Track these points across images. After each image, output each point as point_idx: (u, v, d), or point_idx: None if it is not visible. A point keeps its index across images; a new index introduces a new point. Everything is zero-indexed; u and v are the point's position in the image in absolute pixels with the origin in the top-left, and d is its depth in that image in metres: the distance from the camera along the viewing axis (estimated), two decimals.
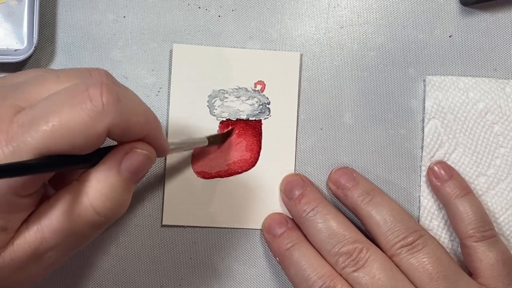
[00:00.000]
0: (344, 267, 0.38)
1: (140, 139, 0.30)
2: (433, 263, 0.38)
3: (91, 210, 0.28)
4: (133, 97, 0.29)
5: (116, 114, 0.27)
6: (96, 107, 0.26)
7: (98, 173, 0.28)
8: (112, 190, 0.28)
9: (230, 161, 0.43)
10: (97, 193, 0.28)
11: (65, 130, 0.25)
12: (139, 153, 0.29)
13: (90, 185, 0.28)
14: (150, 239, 0.42)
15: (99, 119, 0.26)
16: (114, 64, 0.42)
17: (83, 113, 0.26)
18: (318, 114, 0.43)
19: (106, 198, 0.28)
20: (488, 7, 0.45)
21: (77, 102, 0.26)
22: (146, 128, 0.29)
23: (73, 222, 0.28)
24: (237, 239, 0.43)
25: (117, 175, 0.29)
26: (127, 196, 0.30)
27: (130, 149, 0.29)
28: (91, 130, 0.26)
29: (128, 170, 0.29)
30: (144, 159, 0.30)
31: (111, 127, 0.27)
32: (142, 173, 0.30)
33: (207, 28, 0.43)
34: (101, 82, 0.27)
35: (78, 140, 0.26)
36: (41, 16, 0.42)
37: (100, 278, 0.42)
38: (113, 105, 0.26)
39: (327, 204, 0.40)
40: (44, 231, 0.28)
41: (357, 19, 0.44)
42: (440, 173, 0.41)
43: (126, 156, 0.29)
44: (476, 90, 0.43)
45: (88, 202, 0.28)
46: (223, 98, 0.43)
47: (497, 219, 0.42)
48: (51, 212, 0.28)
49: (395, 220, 0.39)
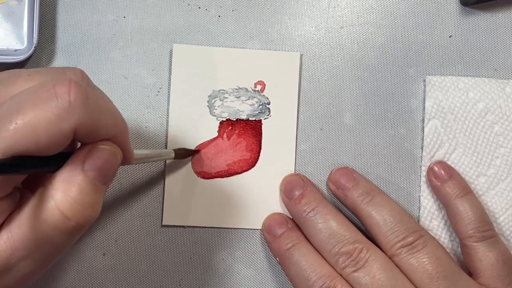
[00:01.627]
0: (344, 267, 0.38)
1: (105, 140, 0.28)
2: (433, 263, 0.38)
3: (59, 215, 0.26)
4: (103, 97, 0.28)
5: (83, 113, 0.25)
6: (62, 105, 0.25)
7: (62, 174, 0.27)
8: (79, 192, 0.27)
9: (230, 161, 0.42)
10: (63, 195, 0.26)
11: (29, 129, 0.24)
12: (102, 148, 0.28)
13: (55, 188, 0.27)
14: (150, 239, 0.42)
15: (65, 117, 0.25)
16: (114, 64, 0.42)
17: (49, 111, 0.25)
18: (318, 114, 0.43)
19: (74, 201, 0.26)
20: (488, 7, 0.45)
21: (43, 99, 0.25)
22: (114, 130, 0.28)
23: (42, 229, 0.26)
24: (237, 239, 0.43)
25: (82, 174, 0.27)
26: (96, 198, 0.27)
27: (92, 147, 0.28)
28: (56, 129, 0.25)
29: (93, 168, 0.27)
30: (109, 156, 0.28)
31: (77, 127, 0.25)
32: (109, 172, 0.28)
33: (207, 28, 0.43)
34: (69, 80, 0.25)
35: (42, 139, 0.25)
36: (41, 16, 0.42)
37: (100, 278, 0.42)
38: (80, 104, 0.25)
39: (327, 204, 0.40)
40: (14, 239, 0.26)
41: (357, 19, 0.44)
42: (440, 173, 0.41)
43: (89, 153, 0.27)
44: (476, 90, 0.43)
45: (54, 206, 0.26)
46: (223, 98, 0.43)
47: (497, 219, 0.42)
48: (19, 219, 0.27)
49: (395, 220, 0.39)
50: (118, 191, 0.42)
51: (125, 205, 0.42)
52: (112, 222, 0.42)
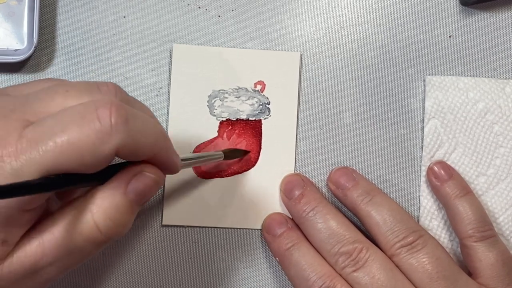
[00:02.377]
0: (344, 267, 0.38)
1: (150, 159, 0.30)
2: (433, 263, 0.38)
3: (94, 228, 0.28)
4: (143, 117, 0.29)
5: (124, 135, 0.27)
6: (104, 128, 0.26)
7: (104, 192, 0.28)
8: (116, 210, 0.28)
9: (230, 161, 0.42)
10: (101, 211, 0.28)
11: (73, 149, 0.25)
12: (147, 176, 0.30)
13: (95, 203, 0.28)
14: (150, 239, 0.42)
15: (107, 139, 0.26)
16: (114, 64, 0.42)
17: (92, 133, 0.26)
18: (318, 114, 0.43)
19: (109, 218, 0.28)
20: (488, 7, 0.45)
21: (86, 121, 0.26)
22: (155, 148, 0.29)
23: (75, 239, 0.28)
24: (237, 239, 0.43)
25: (123, 196, 0.29)
26: (130, 217, 0.29)
27: (138, 172, 0.29)
28: (98, 150, 0.26)
29: (134, 192, 0.29)
30: (152, 183, 0.30)
31: (119, 148, 0.27)
32: (148, 197, 0.30)
33: (207, 28, 0.43)
34: (111, 102, 0.27)
35: (85, 159, 0.26)
36: (41, 16, 0.42)
37: (100, 277, 0.42)
38: (121, 126, 0.26)
39: (327, 204, 0.40)
40: (45, 245, 0.28)
41: (357, 19, 0.44)
42: (440, 173, 0.41)
43: (134, 178, 0.29)
44: (476, 90, 0.43)
45: (91, 220, 0.28)
46: (223, 98, 0.43)
47: (496, 219, 0.42)
48: (54, 227, 0.28)
49: (395, 220, 0.39)
50: None
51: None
52: None
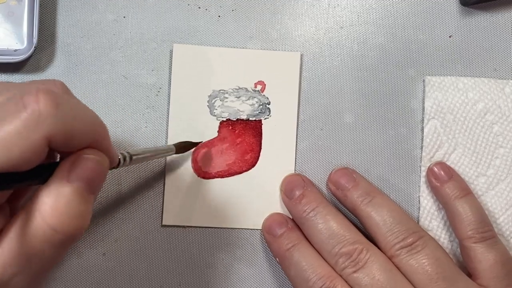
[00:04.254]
0: (344, 267, 0.38)
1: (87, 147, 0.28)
2: (433, 264, 0.38)
3: (46, 228, 0.26)
4: (76, 103, 0.27)
5: (54, 121, 0.24)
6: (31, 116, 0.24)
7: (48, 187, 0.26)
8: (65, 203, 0.26)
9: (230, 161, 0.43)
10: (50, 208, 0.26)
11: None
12: (86, 158, 0.27)
13: (42, 201, 0.26)
14: (150, 239, 0.42)
15: (35, 128, 0.24)
16: (114, 64, 0.42)
17: (17, 123, 0.24)
18: (318, 114, 0.43)
19: (61, 213, 0.26)
20: (488, 7, 0.45)
21: (11, 112, 0.24)
22: (92, 136, 0.27)
23: (31, 243, 0.26)
24: (237, 239, 0.43)
25: (68, 185, 0.26)
26: (84, 208, 0.27)
27: (77, 157, 0.27)
28: (27, 141, 0.24)
29: (78, 178, 0.27)
30: (94, 165, 0.27)
31: (50, 136, 0.24)
32: (96, 181, 0.27)
33: (207, 28, 0.43)
34: (37, 89, 0.24)
35: (15, 153, 0.24)
36: (41, 16, 0.41)
37: (100, 277, 0.42)
38: (50, 112, 0.24)
39: (327, 205, 0.40)
40: (5, 255, 0.26)
41: (357, 19, 0.44)
42: (439, 173, 0.42)
43: (73, 164, 0.27)
44: (476, 90, 0.43)
45: (41, 220, 0.26)
46: (223, 98, 0.43)
47: (496, 219, 0.42)
48: (8, 235, 0.26)
49: (395, 221, 0.39)
50: (118, 191, 0.42)
51: (125, 205, 0.42)
52: (112, 222, 0.42)
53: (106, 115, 0.42)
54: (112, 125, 0.42)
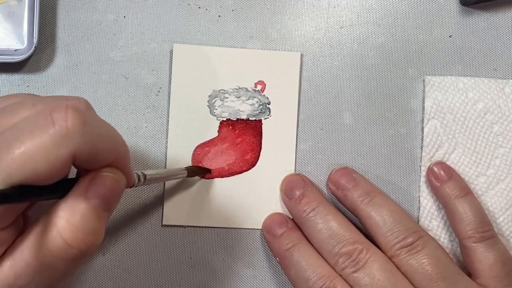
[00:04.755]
0: (344, 267, 0.38)
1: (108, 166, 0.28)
2: (433, 264, 0.38)
3: (61, 242, 0.26)
4: (102, 122, 0.27)
5: (81, 139, 0.25)
6: (59, 132, 0.24)
7: (66, 202, 0.27)
8: (81, 219, 0.26)
9: (230, 161, 0.43)
10: (66, 223, 0.26)
11: (26, 158, 0.24)
12: (105, 176, 0.28)
13: (58, 216, 0.26)
14: (150, 239, 0.42)
15: (62, 144, 0.24)
16: (114, 64, 0.42)
17: (45, 138, 0.24)
18: (318, 114, 0.43)
19: (76, 228, 0.26)
20: (488, 7, 0.45)
21: (40, 127, 0.24)
22: (114, 154, 0.28)
23: (44, 256, 0.26)
24: (237, 239, 0.43)
25: (85, 202, 0.27)
26: (99, 224, 0.27)
27: (95, 175, 0.27)
28: (54, 156, 0.24)
29: (96, 196, 0.27)
30: (112, 183, 0.28)
31: (76, 153, 0.25)
32: (112, 198, 0.28)
33: (207, 28, 0.43)
34: (66, 106, 0.25)
35: (41, 167, 0.24)
36: (41, 16, 0.41)
37: (100, 277, 0.42)
38: (78, 129, 0.25)
39: (327, 205, 0.40)
40: (17, 267, 0.26)
41: (357, 19, 0.44)
42: (439, 173, 0.42)
43: (92, 181, 0.27)
44: (476, 90, 0.43)
45: (57, 234, 0.26)
46: (223, 98, 0.43)
47: (496, 219, 0.42)
48: (22, 246, 0.26)
49: (395, 221, 0.39)
50: None
51: (125, 205, 0.42)
52: (112, 222, 0.42)
53: (106, 115, 0.42)
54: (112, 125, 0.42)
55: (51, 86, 0.42)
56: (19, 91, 0.42)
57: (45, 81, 0.42)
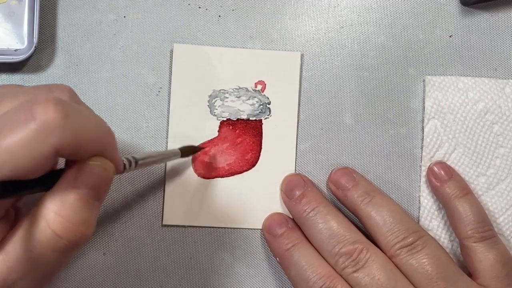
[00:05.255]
0: (344, 267, 0.38)
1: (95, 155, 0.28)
2: (433, 264, 0.38)
3: (51, 234, 0.26)
4: (85, 111, 0.27)
5: (63, 132, 0.24)
6: (40, 126, 0.24)
7: (53, 193, 0.26)
8: (70, 210, 0.26)
9: (231, 161, 0.43)
10: (55, 215, 0.26)
11: (8, 154, 0.23)
12: (92, 165, 0.27)
13: (47, 207, 0.26)
14: (150, 239, 0.42)
15: (44, 138, 0.24)
16: (114, 64, 0.42)
17: (26, 133, 0.24)
18: (318, 114, 0.43)
19: (66, 219, 0.26)
20: (488, 7, 0.45)
21: (20, 121, 0.24)
22: (99, 145, 0.27)
23: (35, 249, 0.26)
24: (237, 239, 0.43)
25: (74, 193, 0.26)
26: (89, 215, 0.27)
27: (83, 164, 0.27)
28: (36, 152, 0.24)
29: (84, 185, 0.27)
30: (100, 172, 0.27)
31: (59, 146, 0.24)
32: (101, 187, 0.28)
33: (207, 28, 0.43)
34: (47, 98, 0.24)
35: (23, 163, 0.24)
36: (41, 16, 0.41)
37: (100, 277, 0.42)
38: (59, 122, 0.24)
39: (327, 205, 0.40)
40: (9, 259, 0.26)
41: (357, 19, 0.44)
42: (439, 173, 0.42)
43: (79, 171, 0.27)
44: (476, 90, 0.43)
45: (46, 226, 0.26)
46: (223, 98, 0.43)
47: (497, 219, 0.42)
48: (13, 240, 0.26)
49: (395, 220, 0.39)
50: (118, 191, 0.42)
51: (126, 205, 0.42)
52: (112, 222, 0.42)
53: (106, 115, 0.42)
54: (112, 125, 0.42)
55: None
56: None
57: (45, 81, 0.42)
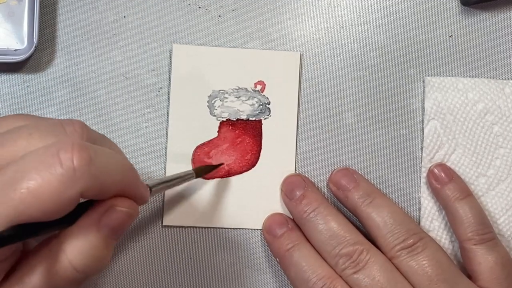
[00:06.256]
0: (344, 268, 0.38)
1: (118, 193, 0.29)
2: (433, 266, 0.38)
3: (70, 269, 0.27)
4: (107, 154, 0.28)
5: (88, 178, 0.25)
6: (66, 172, 0.25)
7: (76, 231, 0.28)
8: (91, 248, 0.27)
9: (230, 161, 0.43)
10: (76, 251, 0.27)
11: (34, 198, 0.24)
12: (119, 211, 0.28)
13: (69, 243, 0.27)
14: (150, 240, 0.42)
15: (70, 184, 0.25)
16: (114, 64, 0.42)
17: (53, 179, 0.24)
18: (318, 114, 0.43)
19: (85, 256, 0.27)
20: (488, 7, 0.45)
21: (47, 167, 0.25)
22: (121, 185, 0.28)
23: (53, 281, 0.27)
24: (237, 239, 0.43)
25: (97, 233, 0.28)
26: (107, 253, 0.28)
27: (109, 207, 0.28)
28: (62, 196, 0.25)
29: (108, 228, 0.28)
30: (125, 216, 0.29)
31: (84, 191, 0.25)
32: (123, 230, 0.29)
33: (207, 28, 0.43)
34: (72, 144, 0.25)
35: (48, 207, 0.25)
36: (41, 16, 0.41)
37: (100, 277, 0.42)
38: (85, 169, 0.25)
39: (328, 205, 0.40)
40: None
41: (357, 19, 0.44)
42: (440, 175, 0.42)
43: (105, 214, 0.28)
44: (475, 91, 0.43)
45: (67, 261, 0.27)
46: (223, 98, 0.43)
47: (497, 220, 0.43)
48: (32, 272, 0.27)
49: (395, 222, 0.39)
50: None
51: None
52: None
53: (106, 115, 0.42)
54: (112, 125, 0.42)
55: (51, 86, 0.42)
56: (19, 91, 0.42)
57: (45, 81, 0.42)
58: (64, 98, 0.42)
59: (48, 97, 0.42)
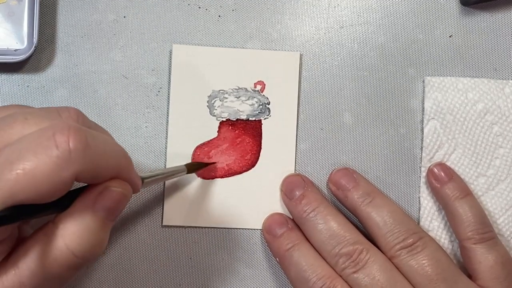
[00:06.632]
0: (344, 268, 0.38)
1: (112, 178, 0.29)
2: (433, 265, 0.38)
3: (67, 253, 0.27)
4: (103, 139, 0.28)
5: (83, 161, 0.26)
6: (62, 154, 0.25)
7: (72, 214, 0.28)
8: (87, 231, 0.27)
9: (230, 161, 0.43)
10: (73, 235, 0.27)
11: (29, 179, 0.24)
12: (113, 191, 0.29)
13: (65, 227, 0.27)
14: (150, 240, 0.42)
15: (65, 166, 0.25)
16: (114, 64, 0.42)
17: (49, 160, 0.25)
18: (318, 114, 0.43)
19: (82, 240, 0.27)
20: (488, 7, 0.45)
21: (43, 149, 0.25)
22: (116, 170, 0.29)
23: (50, 265, 0.27)
24: (237, 239, 0.43)
25: (92, 215, 0.28)
26: (104, 235, 0.29)
27: (104, 188, 0.28)
28: (57, 178, 0.25)
29: (103, 209, 0.28)
30: (120, 197, 0.29)
31: (79, 173, 0.26)
32: (118, 211, 0.29)
33: (207, 28, 0.43)
34: (68, 127, 0.26)
35: (43, 188, 0.25)
36: (41, 16, 0.41)
37: (100, 278, 0.42)
38: (80, 152, 0.25)
39: (328, 205, 0.40)
40: (22, 275, 0.27)
41: (357, 19, 0.44)
42: (439, 174, 0.42)
43: (100, 195, 0.28)
44: (475, 90, 0.43)
45: (64, 245, 0.27)
46: (223, 98, 0.43)
47: (497, 219, 0.43)
48: (28, 256, 0.27)
49: (395, 221, 0.39)
50: None
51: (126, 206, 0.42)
52: None
53: (106, 115, 0.42)
54: (112, 125, 0.42)
55: (51, 86, 0.42)
56: (19, 91, 0.42)
57: (45, 81, 0.42)
58: (64, 98, 0.42)
59: (48, 97, 0.42)
